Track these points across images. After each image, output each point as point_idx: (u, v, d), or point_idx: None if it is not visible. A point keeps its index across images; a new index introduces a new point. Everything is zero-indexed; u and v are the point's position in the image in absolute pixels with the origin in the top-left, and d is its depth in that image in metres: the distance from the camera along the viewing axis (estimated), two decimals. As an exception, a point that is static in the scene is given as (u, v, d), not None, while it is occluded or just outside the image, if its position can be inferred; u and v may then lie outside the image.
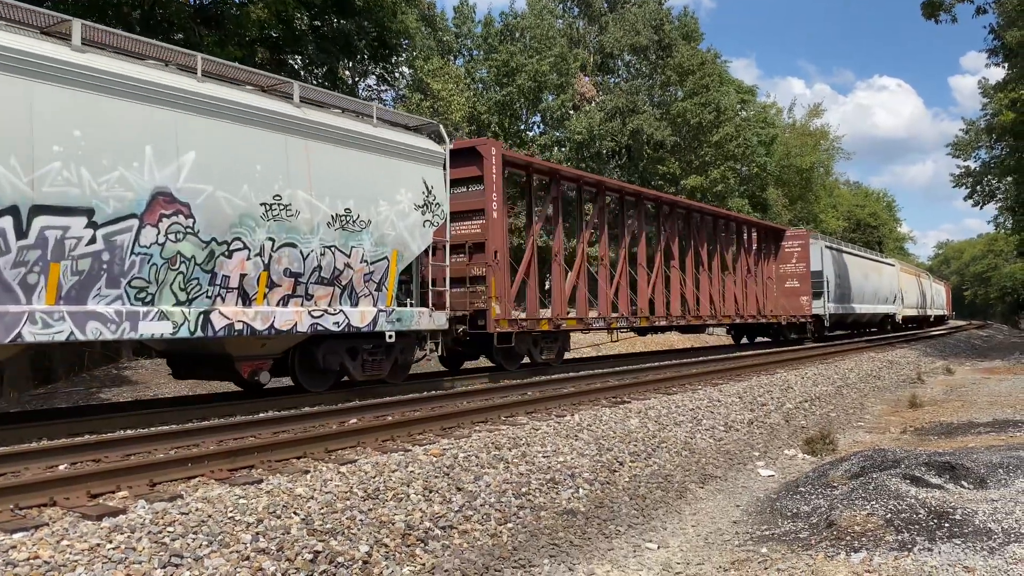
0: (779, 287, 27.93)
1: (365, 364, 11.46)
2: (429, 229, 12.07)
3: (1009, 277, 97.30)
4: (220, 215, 9.13)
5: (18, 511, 5.35)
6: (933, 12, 27.39)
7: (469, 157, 14.21)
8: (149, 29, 16.98)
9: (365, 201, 10.97)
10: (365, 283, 11.05)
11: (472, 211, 14.23)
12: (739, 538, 6.30)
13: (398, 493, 6.20)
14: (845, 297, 32.44)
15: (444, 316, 12.46)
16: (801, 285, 28.26)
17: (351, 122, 11.13)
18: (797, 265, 28.35)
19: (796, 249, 28.47)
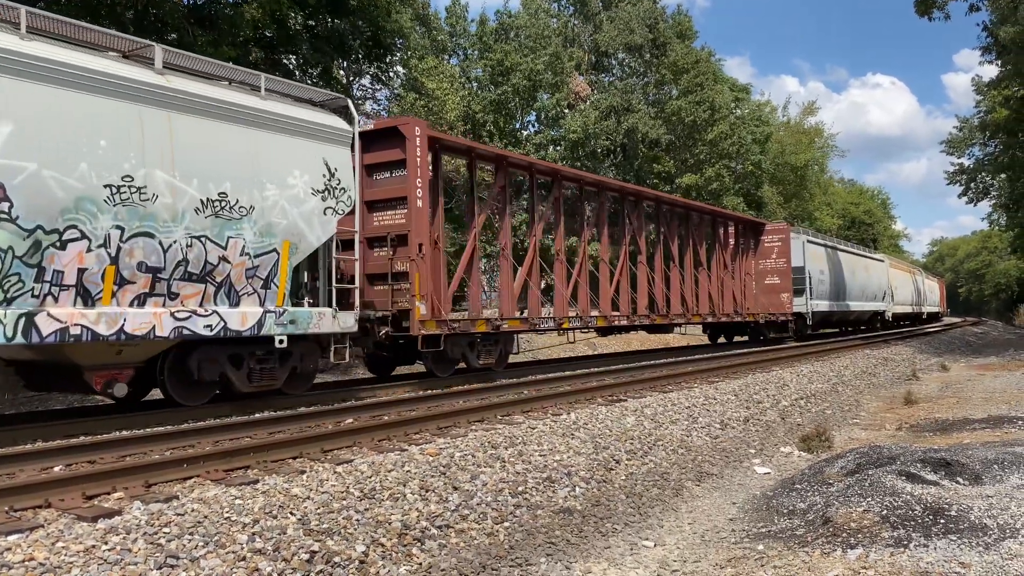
0: (759, 284, 26.69)
1: (252, 374, 9.92)
2: (332, 217, 10.62)
3: (1003, 274, 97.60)
4: (47, 198, 7.73)
5: (13, 513, 5.33)
6: (926, 9, 27.46)
7: (391, 138, 12.82)
8: (142, 29, 16.93)
9: (246, 184, 9.51)
10: (248, 280, 9.59)
11: (395, 199, 12.86)
12: (736, 535, 6.31)
13: (394, 493, 6.19)
14: (830, 294, 31.32)
15: (352, 317, 10.96)
16: (781, 281, 26.96)
17: (231, 93, 9.70)
18: (777, 261, 27.08)
19: (776, 244, 27.17)
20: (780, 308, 26.70)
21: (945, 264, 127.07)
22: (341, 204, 10.81)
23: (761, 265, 26.97)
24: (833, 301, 31.70)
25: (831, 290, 31.41)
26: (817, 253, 30.39)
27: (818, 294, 29.59)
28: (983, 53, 36.67)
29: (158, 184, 8.64)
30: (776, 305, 26.68)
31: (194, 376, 9.44)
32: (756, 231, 27.28)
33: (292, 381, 10.67)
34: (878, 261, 41.07)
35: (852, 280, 34.46)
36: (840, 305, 32.84)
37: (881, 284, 39.79)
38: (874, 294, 38.35)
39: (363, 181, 12.47)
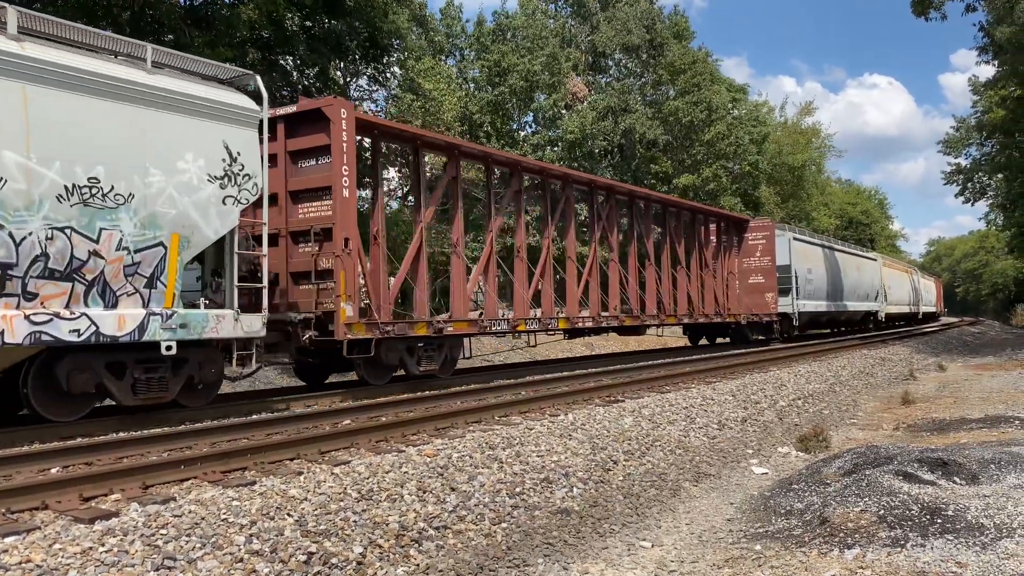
0: (742, 283, 25.62)
1: (138, 385, 8.81)
2: (234, 208, 9.45)
3: (1000, 274, 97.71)
4: None
5: (10, 515, 5.33)
6: (923, 10, 27.52)
7: (316, 122, 11.64)
8: (139, 30, 16.92)
9: (125, 168, 8.39)
10: (128, 278, 8.43)
11: (320, 188, 11.70)
12: (733, 536, 6.31)
13: (392, 494, 6.19)
14: (819, 294, 30.14)
15: (259, 320, 9.73)
16: (766, 281, 25.67)
17: (108, 65, 8.55)
18: (761, 259, 25.76)
19: (760, 241, 25.83)
20: (764, 308, 25.49)
21: (942, 264, 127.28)
22: (245, 193, 9.59)
23: (745, 264, 25.88)
24: (822, 301, 30.71)
25: (820, 290, 30.39)
26: (805, 251, 29.26)
27: (806, 294, 28.47)
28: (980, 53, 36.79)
29: (7, 167, 7.55)
30: (760, 305, 25.50)
31: (64, 388, 8.32)
32: (739, 228, 26.15)
33: (189, 392, 9.53)
34: (871, 260, 39.82)
35: (843, 279, 33.38)
36: (830, 305, 31.72)
37: (874, 283, 38.65)
38: (866, 294, 37.26)
39: (288, 169, 11.83)
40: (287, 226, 11.86)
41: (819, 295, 30.17)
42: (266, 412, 9.87)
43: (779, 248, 26.26)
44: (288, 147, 11.91)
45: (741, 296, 25.38)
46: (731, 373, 15.74)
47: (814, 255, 30.28)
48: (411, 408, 10.35)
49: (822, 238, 34.78)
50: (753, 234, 26.03)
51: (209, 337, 9.24)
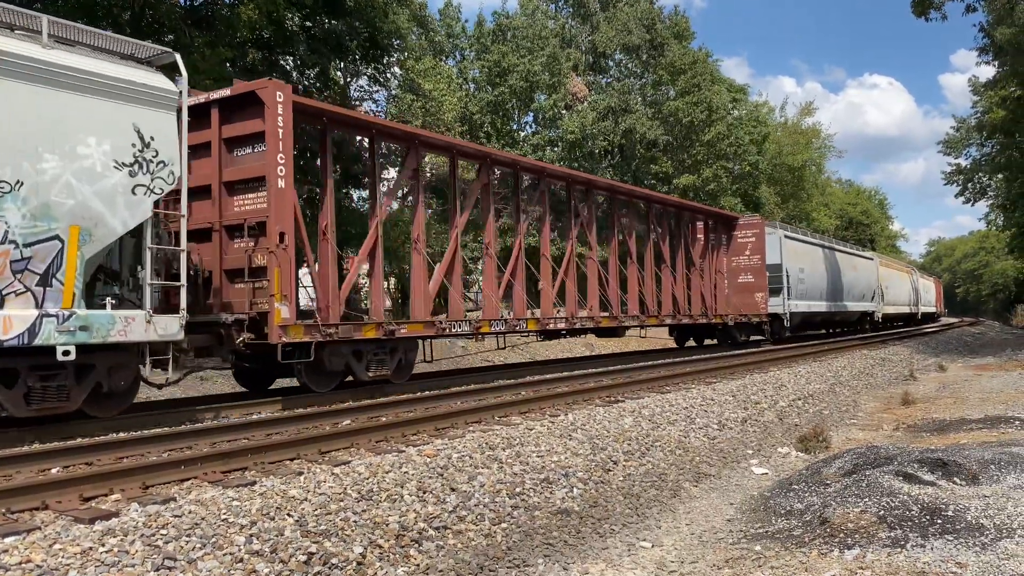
0: (731, 283, 24.76)
1: (32, 394, 7.96)
2: (146, 198, 8.60)
3: (1000, 274, 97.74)
4: None
5: (10, 515, 5.33)
6: (924, 10, 27.49)
7: (252, 106, 10.70)
8: (139, 30, 16.93)
9: (11, 152, 7.62)
10: (16, 274, 7.62)
11: (255, 179, 10.79)
12: (733, 536, 6.31)
13: (392, 494, 6.19)
14: (812, 294, 29.11)
15: (176, 322, 8.85)
16: (755, 280, 24.66)
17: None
18: (751, 258, 24.76)
19: (750, 239, 24.86)
20: (754, 309, 24.52)
21: (942, 264, 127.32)
22: (159, 182, 8.74)
23: (734, 263, 25.01)
24: (816, 301, 29.70)
25: (814, 290, 29.41)
26: (797, 250, 28.33)
27: (798, 294, 27.44)
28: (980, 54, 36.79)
29: None
30: (749, 306, 24.52)
31: None
32: (728, 226, 25.22)
33: (97, 401, 8.70)
34: (867, 259, 38.92)
35: (838, 279, 32.42)
36: (825, 305, 30.73)
37: (870, 283, 37.72)
38: (862, 294, 36.26)
39: (222, 158, 11.01)
40: (221, 220, 10.96)
41: (813, 295, 29.17)
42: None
43: (770, 247, 25.42)
44: (223, 134, 11.07)
45: (730, 296, 24.60)
46: (731, 373, 15.74)
47: (807, 254, 29.39)
48: (411, 408, 10.36)
49: (817, 237, 33.95)
50: (742, 232, 25.15)
51: (116, 341, 8.35)
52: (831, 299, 31.40)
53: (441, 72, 32.07)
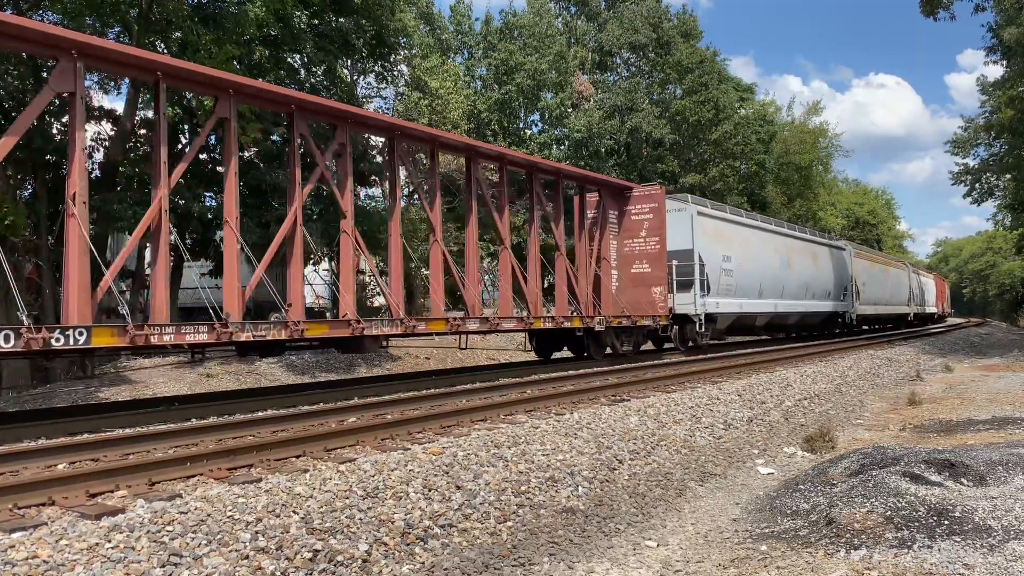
0: (623, 274, 19.19)
1: None
2: None
3: (1008, 274, 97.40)
4: None
5: (17, 510, 5.35)
6: (932, 9, 27.40)
7: None
8: (147, 28, 16.96)
9: None
10: None
11: None
12: (739, 536, 6.30)
13: (397, 492, 6.19)
14: (744, 289, 22.92)
15: None
16: (652, 270, 18.90)
17: None
18: (648, 240, 18.97)
19: (646, 216, 19.02)
20: (649, 309, 18.94)
21: (949, 264, 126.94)
22: None
23: (626, 247, 19.19)
24: (751, 299, 23.61)
25: (747, 284, 23.27)
26: (720, 232, 22.28)
27: (722, 289, 21.55)
28: (988, 53, 36.60)
29: None
30: (645, 305, 18.95)
31: None
32: (619, 198, 19.39)
33: None
34: (834, 248, 32.61)
35: (786, 272, 26.28)
36: (766, 304, 24.80)
37: (840, 278, 31.84)
38: (825, 291, 30.29)
39: None
40: None
41: (747, 291, 23.15)
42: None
43: (675, 226, 19.94)
44: None
45: (622, 291, 19.01)
46: (737, 373, 15.71)
47: (737, 238, 23.21)
48: (416, 406, 10.36)
49: (753, 216, 26.97)
50: (637, 207, 19.21)
51: None
52: (774, 296, 25.39)
53: (448, 70, 32.06)
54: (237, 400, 10.56)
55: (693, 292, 19.93)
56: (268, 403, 10.29)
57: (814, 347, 20.95)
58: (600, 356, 17.94)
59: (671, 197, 20.92)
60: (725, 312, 21.90)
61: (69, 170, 9.37)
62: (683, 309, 19.91)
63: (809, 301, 28.47)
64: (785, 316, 26.96)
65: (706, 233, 21.17)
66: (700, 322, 20.05)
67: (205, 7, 18.41)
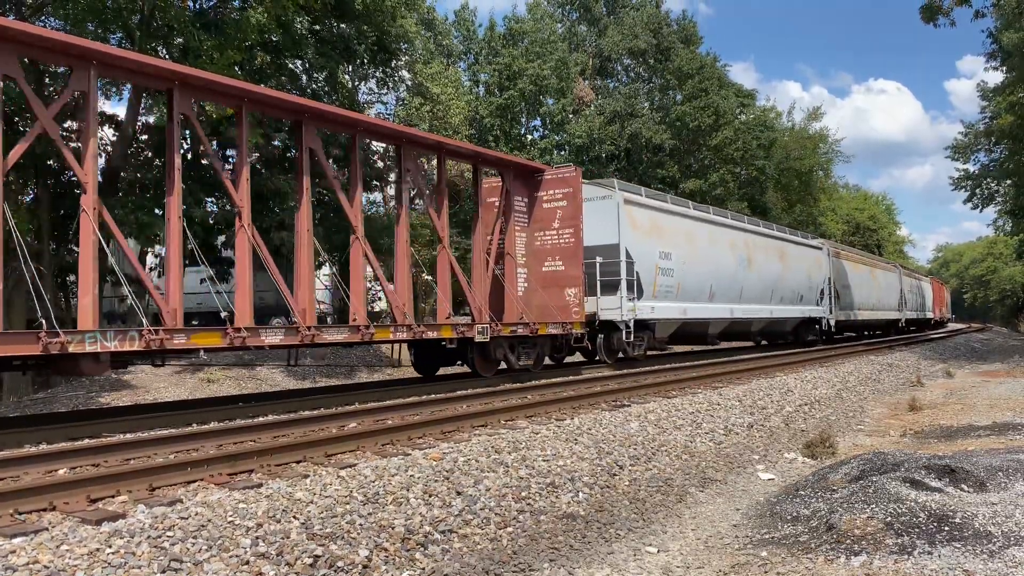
0: (534, 271, 16.13)
1: None
2: None
3: (1008, 280, 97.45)
4: None
5: (18, 515, 5.35)
6: (932, 16, 27.43)
7: None
8: (149, 34, 17.00)
9: None
10: None
11: None
12: (739, 541, 6.30)
13: (398, 497, 6.19)
14: (689, 292, 19.95)
15: None
16: (566, 268, 15.87)
17: None
18: (561, 233, 15.95)
19: (559, 204, 16.02)
20: (565, 314, 15.86)
21: (950, 270, 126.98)
22: None
23: (538, 241, 16.22)
24: (698, 303, 20.39)
25: (693, 286, 20.19)
26: (655, 224, 18.93)
27: (660, 291, 18.64)
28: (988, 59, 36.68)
29: None
30: (556, 309, 15.84)
31: None
32: (528, 182, 16.31)
33: None
34: (808, 247, 29.32)
35: (745, 272, 23.12)
36: (720, 310, 21.68)
37: (815, 280, 28.73)
38: (798, 294, 27.15)
39: None
40: None
41: (691, 294, 20.04)
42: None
43: (599, 217, 17.08)
44: None
45: (532, 292, 16.07)
46: (737, 378, 15.70)
47: (677, 231, 19.89)
48: (417, 412, 10.36)
49: (703, 208, 23.41)
50: (549, 192, 16.18)
51: None
52: (734, 300, 22.47)
53: (449, 76, 32.13)
54: (238, 405, 10.56)
55: (620, 295, 17.01)
56: (269, 408, 10.29)
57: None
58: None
59: (595, 182, 18.23)
60: (664, 318, 18.88)
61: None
62: (609, 315, 17.02)
63: (776, 306, 25.46)
64: (746, 323, 24.08)
65: (637, 225, 18.05)
66: (628, 330, 17.22)
67: (207, 13, 18.46)
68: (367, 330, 11.74)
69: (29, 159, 16.12)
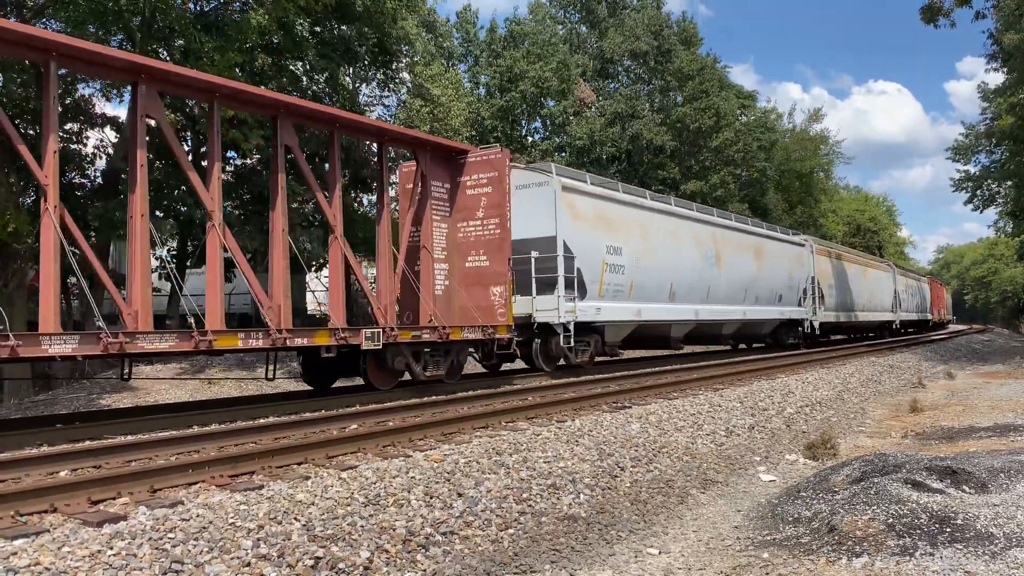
0: (455, 267, 13.97)
1: None
2: None
3: (1009, 281, 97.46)
4: None
5: (19, 517, 5.35)
6: (932, 17, 27.45)
7: None
8: (150, 36, 17.02)
9: None
10: None
11: None
12: (740, 543, 6.29)
13: (399, 499, 6.19)
14: (643, 291, 17.86)
15: None
16: (491, 263, 13.78)
17: None
18: (486, 223, 13.85)
19: (484, 190, 13.89)
20: (488, 316, 13.75)
21: (951, 271, 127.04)
22: None
23: (461, 233, 14.07)
24: (653, 304, 18.34)
25: (649, 282, 18.20)
26: (601, 214, 16.90)
27: (609, 290, 16.78)
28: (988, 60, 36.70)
29: None
30: (479, 311, 13.76)
31: None
32: (449, 165, 14.11)
33: None
34: (788, 243, 27.28)
35: (713, 270, 21.24)
36: (679, 311, 19.46)
37: (797, 279, 26.97)
38: (776, 294, 25.32)
39: None
40: None
41: (647, 293, 18.10)
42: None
43: (534, 206, 15.37)
44: None
45: (454, 291, 13.95)
46: (738, 380, 15.70)
47: (630, 223, 17.83)
48: (418, 413, 10.35)
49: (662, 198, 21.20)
50: (473, 177, 14.04)
51: None
52: (699, 300, 20.52)
53: (449, 78, 32.17)
54: (239, 407, 10.55)
55: (557, 294, 15.12)
56: (270, 410, 10.28)
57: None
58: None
59: (531, 167, 16.44)
60: (614, 320, 16.92)
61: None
62: (545, 317, 15.18)
63: (751, 307, 23.41)
64: (716, 325, 22.08)
65: (578, 215, 16.03)
66: (568, 334, 15.22)
67: (207, 15, 18.48)
68: (203, 338, 9.46)
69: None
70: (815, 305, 27.85)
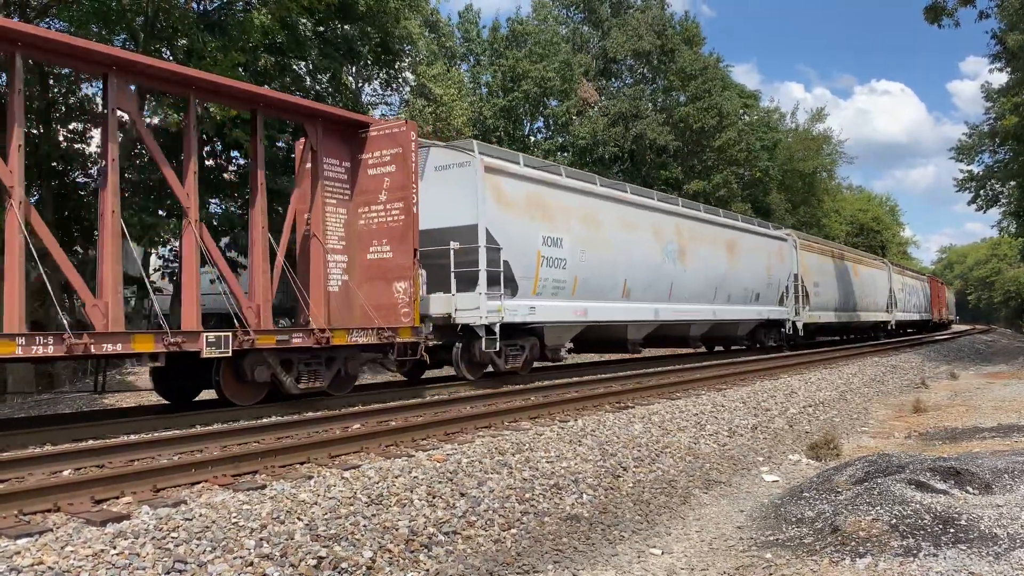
0: (356, 260, 12.09)
1: None
2: None
3: (1013, 281, 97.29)
4: None
5: (23, 516, 5.35)
6: (936, 16, 27.41)
7: None
8: (152, 36, 17.04)
9: None
10: None
11: None
12: (743, 544, 6.29)
13: (402, 498, 6.19)
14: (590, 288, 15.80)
15: None
16: (395, 255, 11.91)
17: None
18: (389, 208, 11.97)
19: (387, 170, 11.98)
20: (391, 316, 11.86)
21: (954, 271, 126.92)
22: None
23: (363, 219, 12.16)
24: (605, 303, 16.30)
25: (596, 279, 16.07)
26: (536, 200, 14.63)
27: (548, 287, 14.67)
28: (992, 60, 36.62)
29: None
30: (380, 310, 11.84)
31: None
32: (348, 140, 12.21)
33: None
34: (768, 238, 25.11)
35: (676, 265, 18.98)
36: (635, 310, 17.41)
37: (778, 276, 24.93)
38: (753, 292, 23.22)
39: None
40: None
41: (595, 290, 16.02)
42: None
43: (453, 189, 13.39)
44: None
45: (355, 287, 12.02)
46: (741, 380, 15.70)
47: (572, 211, 15.52)
48: (421, 413, 10.36)
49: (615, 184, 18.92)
50: (376, 154, 12.13)
51: None
52: (660, 299, 18.46)
53: (452, 77, 32.17)
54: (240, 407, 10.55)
55: (479, 291, 13.00)
56: (272, 410, 10.29)
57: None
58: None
59: (451, 145, 14.44)
60: (554, 321, 14.89)
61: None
62: (466, 317, 13.09)
63: (722, 306, 21.28)
64: (681, 326, 20.02)
65: (506, 200, 13.79)
66: (492, 337, 13.24)
67: (211, 14, 18.49)
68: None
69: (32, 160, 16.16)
70: (798, 304, 25.94)
